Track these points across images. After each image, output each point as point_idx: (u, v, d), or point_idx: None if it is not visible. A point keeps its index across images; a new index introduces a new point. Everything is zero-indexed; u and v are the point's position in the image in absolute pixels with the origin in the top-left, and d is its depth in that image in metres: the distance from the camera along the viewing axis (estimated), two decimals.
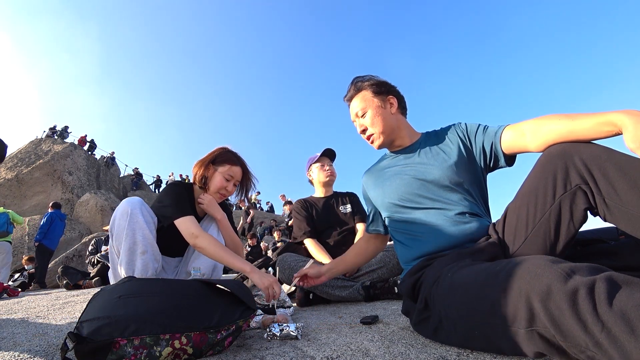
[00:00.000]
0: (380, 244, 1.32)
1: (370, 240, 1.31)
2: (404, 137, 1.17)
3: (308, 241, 2.00)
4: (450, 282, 0.77)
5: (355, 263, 1.33)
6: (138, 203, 1.33)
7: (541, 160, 0.82)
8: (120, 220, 1.29)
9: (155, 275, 1.32)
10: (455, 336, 0.78)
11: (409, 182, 1.06)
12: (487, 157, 1.02)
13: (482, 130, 1.03)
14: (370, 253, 1.33)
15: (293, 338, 0.98)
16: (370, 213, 1.28)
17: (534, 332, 0.59)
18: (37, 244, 5.80)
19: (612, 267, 0.60)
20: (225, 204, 1.69)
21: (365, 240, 1.33)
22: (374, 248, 1.32)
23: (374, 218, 1.26)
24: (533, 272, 0.59)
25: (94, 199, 11.84)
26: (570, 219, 0.75)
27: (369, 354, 0.80)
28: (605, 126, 0.73)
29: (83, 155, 16.08)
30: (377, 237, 1.30)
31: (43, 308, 1.98)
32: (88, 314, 0.81)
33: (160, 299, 0.86)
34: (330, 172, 2.19)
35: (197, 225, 1.33)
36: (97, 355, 0.74)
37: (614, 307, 0.48)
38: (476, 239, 0.93)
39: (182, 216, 1.33)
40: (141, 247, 1.27)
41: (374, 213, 1.26)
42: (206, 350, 0.83)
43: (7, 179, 13.49)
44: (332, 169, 2.22)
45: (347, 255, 1.32)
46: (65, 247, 8.42)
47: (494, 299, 0.64)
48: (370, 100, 1.15)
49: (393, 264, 1.76)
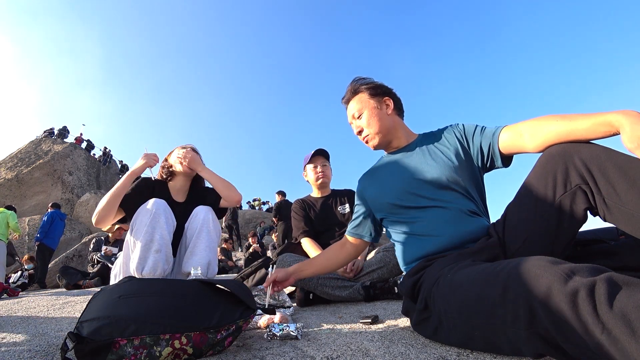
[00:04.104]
0: (354, 251, 1.23)
1: (345, 246, 1.24)
2: (400, 137, 1.17)
3: (305, 240, 1.99)
4: (451, 283, 0.77)
5: (324, 267, 1.24)
6: (163, 205, 1.41)
7: (541, 161, 0.82)
8: (144, 217, 1.37)
9: (163, 276, 1.34)
10: (455, 336, 0.78)
11: (408, 181, 1.06)
12: (485, 158, 1.02)
13: (480, 130, 1.03)
14: (341, 260, 1.24)
15: (293, 338, 0.98)
16: (358, 215, 1.21)
17: (534, 333, 0.59)
18: (38, 244, 5.81)
19: (612, 267, 0.60)
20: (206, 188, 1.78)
21: (340, 246, 1.25)
22: (346, 255, 1.24)
23: (360, 222, 1.20)
24: (533, 273, 0.59)
25: (94, 199, 11.84)
26: (570, 219, 0.75)
27: (369, 354, 0.80)
28: (603, 127, 0.73)
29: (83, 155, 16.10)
30: (354, 243, 1.22)
31: (43, 308, 1.98)
32: (88, 314, 0.81)
33: (160, 299, 0.86)
34: (322, 173, 2.13)
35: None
36: (97, 355, 0.74)
37: (615, 308, 0.48)
38: (476, 238, 0.93)
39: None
40: (157, 245, 1.33)
41: (362, 216, 1.20)
42: (206, 350, 0.83)
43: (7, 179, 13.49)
44: (324, 170, 2.15)
45: (317, 258, 1.26)
46: (65, 247, 8.42)
47: (494, 299, 0.64)
48: (367, 102, 1.15)
49: (393, 264, 1.76)
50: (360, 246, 1.23)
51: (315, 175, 2.13)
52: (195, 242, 1.44)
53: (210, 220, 1.50)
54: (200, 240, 1.44)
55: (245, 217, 14.16)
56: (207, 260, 1.43)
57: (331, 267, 1.26)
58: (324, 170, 2.16)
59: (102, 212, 1.43)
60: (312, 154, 2.17)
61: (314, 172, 2.14)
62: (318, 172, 2.13)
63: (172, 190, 1.65)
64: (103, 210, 1.43)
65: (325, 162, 2.19)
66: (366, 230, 1.20)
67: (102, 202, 1.44)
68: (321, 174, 2.13)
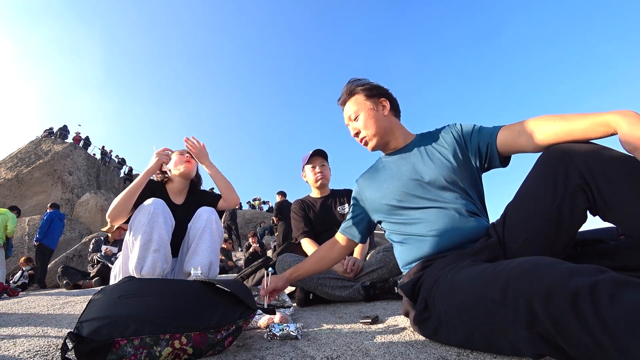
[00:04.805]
0: (345, 250, 1.26)
1: (335, 246, 1.26)
2: (397, 138, 1.16)
3: (304, 240, 1.99)
4: (451, 283, 0.77)
5: (316, 269, 1.28)
6: (161, 205, 1.41)
7: (541, 160, 0.82)
8: (142, 216, 1.37)
9: (162, 276, 1.34)
10: (455, 336, 0.78)
11: (406, 182, 1.06)
12: (483, 158, 1.02)
13: (478, 130, 1.03)
14: (332, 260, 1.27)
15: (293, 338, 0.98)
16: (353, 216, 1.23)
17: (535, 333, 0.58)
18: (37, 244, 5.81)
19: (612, 267, 0.60)
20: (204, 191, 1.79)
21: (330, 246, 1.27)
22: (338, 255, 1.26)
23: (355, 222, 1.22)
24: (533, 273, 0.59)
25: (94, 199, 11.84)
26: (570, 219, 0.75)
27: (369, 354, 0.80)
28: (601, 127, 0.73)
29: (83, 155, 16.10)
30: (345, 243, 1.24)
31: (43, 308, 1.98)
32: (88, 314, 0.81)
33: (160, 299, 0.86)
34: (321, 174, 2.12)
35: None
36: (97, 355, 0.73)
37: (616, 308, 0.48)
38: (476, 238, 0.93)
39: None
40: (155, 245, 1.33)
41: (357, 217, 1.21)
42: (206, 350, 0.83)
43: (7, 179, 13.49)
44: (323, 171, 2.14)
45: (307, 261, 1.28)
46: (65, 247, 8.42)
47: (494, 300, 0.64)
48: (363, 103, 1.15)
49: (393, 264, 1.75)
50: (351, 245, 1.26)
51: (314, 176, 2.12)
52: (198, 242, 1.45)
53: (214, 221, 1.51)
54: (203, 241, 1.45)
55: (245, 217, 14.16)
56: (209, 260, 1.43)
57: (323, 267, 1.30)
58: (323, 171, 2.15)
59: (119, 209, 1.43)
60: (310, 155, 2.15)
61: (312, 173, 2.13)
62: (317, 173, 2.12)
63: (170, 192, 1.66)
64: (120, 208, 1.43)
65: (323, 162, 2.18)
66: (358, 231, 1.22)
67: (118, 200, 1.44)
68: (320, 175, 2.12)
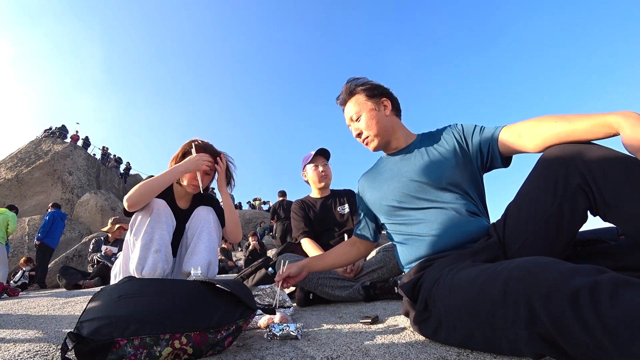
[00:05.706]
0: (364, 250, 1.28)
1: (355, 245, 1.28)
2: (399, 138, 1.16)
3: (304, 241, 1.98)
4: (451, 283, 0.77)
5: (334, 264, 1.30)
6: (163, 205, 1.40)
7: (541, 161, 0.82)
8: (144, 216, 1.36)
9: (163, 276, 1.34)
10: (455, 337, 0.78)
11: (406, 183, 1.06)
12: (484, 158, 1.02)
13: (479, 131, 1.03)
14: (352, 257, 1.29)
15: (293, 338, 0.98)
16: (361, 217, 1.25)
17: (535, 333, 0.58)
18: (38, 243, 5.81)
19: (612, 267, 0.60)
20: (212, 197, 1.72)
21: (350, 244, 1.30)
22: (357, 253, 1.29)
23: (364, 223, 1.24)
24: (534, 273, 0.59)
25: (94, 199, 11.84)
26: (570, 219, 0.75)
27: (369, 354, 0.80)
28: (602, 128, 0.73)
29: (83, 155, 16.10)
30: (362, 243, 1.27)
31: (43, 308, 1.98)
32: (88, 314, 0.81)
33: (160, 299, 0.86)
34: (324, 174, 2.11)
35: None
36: (97, 355, 0.73)
37: (616, 308, 0.48)
38: (476, 238, 0.93)
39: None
40: (156, 245, 1.32)
41: (365, 217, 1.23)
42: (206, 350, 0.83)
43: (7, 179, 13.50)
44: (326, 170, 2.13)
45: (328, 255, 1.30)
46: (65, 247, 8.42)
47: (494, 300, 0.64)
48: (364, 104, 1.15)
49: (393, 264, 1.76)
50: (368, 246, 1.28)
51: (318, 175, 2.10)
52: (196, 242, 1.44)
53: (212, 220, 1.50)
54: (201, 241, 1.44)
55: (245, 217, 14.16)
56: (208, 260, 1.42)
57: (340, 264, 1.32)
58: (326, 171, 2.13)
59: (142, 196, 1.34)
60: (314, 154, 2.14)
61: (316, 173, 2.11)
62: (321, 173, 2.10)
63: (176, 194, 1.60)
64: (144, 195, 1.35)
65: (326, 162, 2.17)
66: (368, 231, 1.23)
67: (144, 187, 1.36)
68: (324, 175, 2.11)
